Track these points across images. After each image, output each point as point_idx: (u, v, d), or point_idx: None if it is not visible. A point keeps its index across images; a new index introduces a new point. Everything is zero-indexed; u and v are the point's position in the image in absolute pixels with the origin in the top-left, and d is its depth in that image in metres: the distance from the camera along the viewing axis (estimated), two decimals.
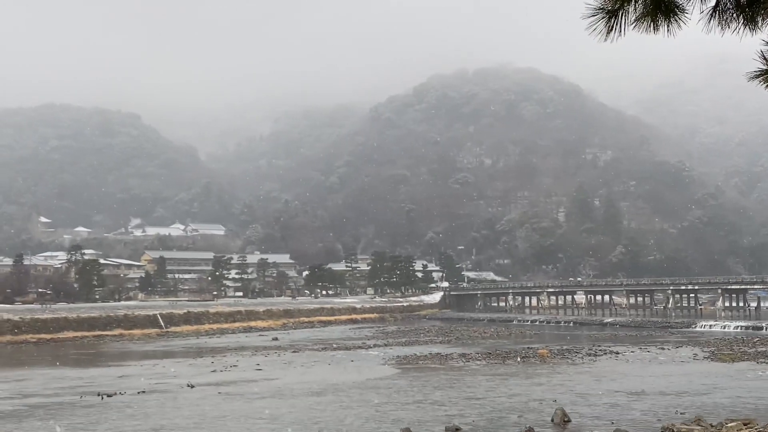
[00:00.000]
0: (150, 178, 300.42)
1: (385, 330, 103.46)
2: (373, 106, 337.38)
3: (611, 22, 7.98)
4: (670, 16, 7.98)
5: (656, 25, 8.03)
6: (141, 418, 34.30)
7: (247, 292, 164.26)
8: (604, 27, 7.98)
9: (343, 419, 33.13)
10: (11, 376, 52.14)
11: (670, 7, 7.95)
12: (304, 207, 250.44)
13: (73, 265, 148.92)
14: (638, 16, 8.00)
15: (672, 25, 8.03)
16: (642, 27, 8.06)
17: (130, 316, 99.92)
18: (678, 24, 8.02)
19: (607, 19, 7.95)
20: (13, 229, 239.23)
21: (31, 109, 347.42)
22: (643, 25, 8.04)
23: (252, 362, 59.29)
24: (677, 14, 7.99)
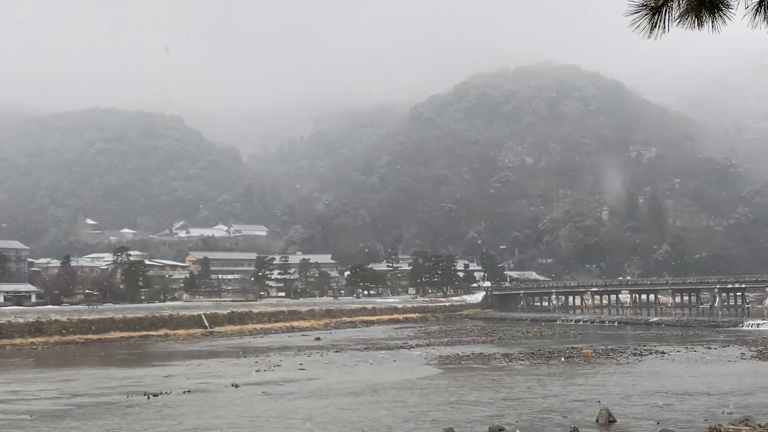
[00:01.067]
0: (193, 180, 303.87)
1: (427, 330, 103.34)
2: (414, 106, 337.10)
3: (655, 19, 7.93)
4: (714, 11, 7.92)
5: (700, 21, 7.96)
6: (186, 417, 34.72)
7: (289, 292, 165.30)
8: (648, 24, 7.94)
9: (386, 419, 33.20)
10: (59, 376, 53.11)
11: (714, 3, 7.89)
12: (345, 207, 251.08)
13: (119, 266, 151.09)
14: (682, 12, 7.95)
15: (716, 20, 7.96)
16: (686, 23, 8.00)
17: (175, 316, 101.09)
18: (723, 20, 7.95)
19: (650, 15, 7.91)
20: (60, 232, 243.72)
21: (78, 113, 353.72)
22: (687, 21, 7.98)
23: (295, 362, 59.64)
24: (722, 10, 7.92)
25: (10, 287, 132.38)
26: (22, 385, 47.68)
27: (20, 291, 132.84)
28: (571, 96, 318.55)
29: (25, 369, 60.29)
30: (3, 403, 40.47)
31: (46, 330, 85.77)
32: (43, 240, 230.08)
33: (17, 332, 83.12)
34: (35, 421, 34.47)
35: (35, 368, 61.09)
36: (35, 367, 61.78)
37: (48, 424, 33.74)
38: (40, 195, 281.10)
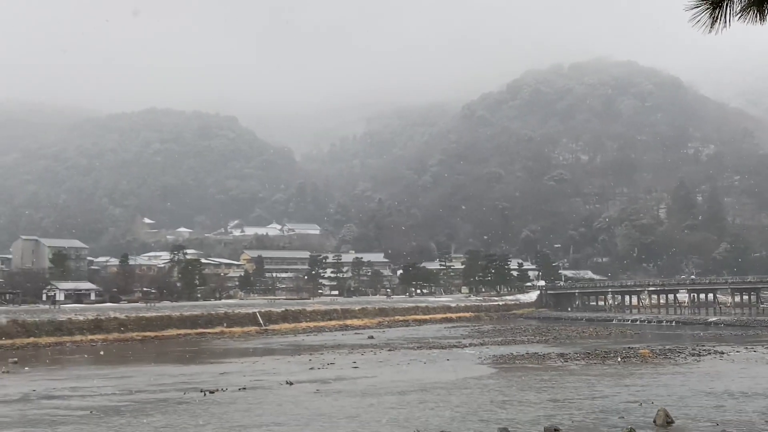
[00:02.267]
0: (247, 180, 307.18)
1: (480, 329, 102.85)
2: (466, 104, 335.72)
3: (715, 13, 7.76)
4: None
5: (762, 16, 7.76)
6: (242, 414, 35.11)
7: (342, 290, 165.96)
8: (709, 18, 7.77)
9: (440, 417, 33.12)
10: (117, 373, 54.17)
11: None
12: (397, 206, 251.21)
13: (176, 264, 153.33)
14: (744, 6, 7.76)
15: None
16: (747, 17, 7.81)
17: (230, 314, 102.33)
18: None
19: (711, 10, 7.74)
20: (119, 231, 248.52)
21: (135, 114, 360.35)
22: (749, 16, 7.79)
23: (348, 360, 59.88)
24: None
25: (70, 285, 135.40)
26: (81, 382, 48.74)
27: (80, 289, 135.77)
28: (627, 92, 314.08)
29: (85, 365, 61.62)
30: (63, 398, 41.44)
31: (105, 327, 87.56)
32: (102, 239, 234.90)
33: (77, 329, 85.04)
34: (94, 416, 35.20)
35: (94, 365, 62.40)
36: (94, 364, 63.10)
37: (106, 419, 34.41)
38: (99, 195, 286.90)
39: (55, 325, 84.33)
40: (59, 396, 42.33)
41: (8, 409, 37.44)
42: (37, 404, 39.36)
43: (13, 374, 53.45)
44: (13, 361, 61.52)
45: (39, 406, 38.80)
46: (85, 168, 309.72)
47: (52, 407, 38.28)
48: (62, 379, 50.04)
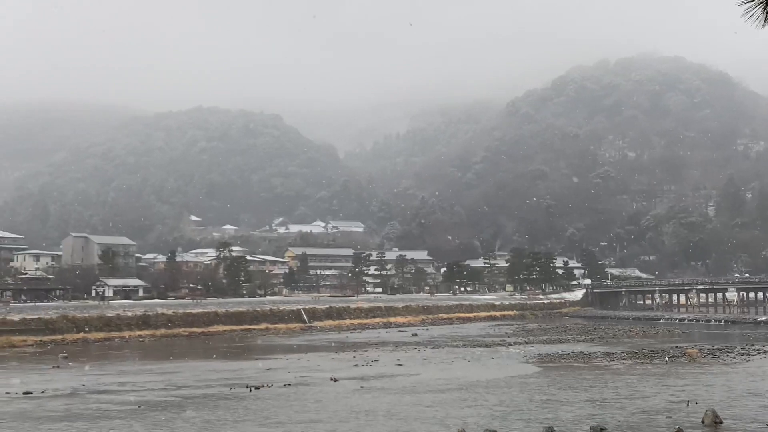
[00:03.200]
0: (292, 177, 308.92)
1: (525, 327, 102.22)
2: (511, 101, 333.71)
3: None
4: None
5: None
6: (288, 410, 35.37)
7: (386, 288, 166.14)
8: (762, 12, 7.61)
9: (484, 416, 33.01)
10: (165, 368, 54.92)
11: None
12: (441, 203, 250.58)
13: (222, 261, 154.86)
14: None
15: None
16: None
17: (275, 310, 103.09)
18: None
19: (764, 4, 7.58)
20: (166, 228, 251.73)
21: (182, 112, 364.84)
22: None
23: (392, 357, 59.97)
24: None
25: (118, 281, 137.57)
26: (129, 377, 49.52)
27: (128, 285, 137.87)
28: (675, 88, 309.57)
29: (133, 361, 62.62)
30: (112, 393, 42.15)
31: (153, 323, 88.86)
32: (149, 236, 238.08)
33: (125, 325, 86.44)
34: (142, 411, 35.74)
35: (142, 360, 63.37)
36: (142, 359, 64.08)
37: (155, 414, 34.91)
38: (146, 192, 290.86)
39: (104, 321, 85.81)
40: (108, 391, 43.06)
41: (58, 404, 38.20)
42: (86, 399, 40.08)
43: (63, 369, 54.51)
44: (63, 356, 62.73)
45: (88, 400, 39.50)
46: (133, 166, 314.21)
47: (102, 402, 38.97)
48: (111, 374, 50.89)
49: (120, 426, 32.06)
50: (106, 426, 32.04)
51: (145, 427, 31.70)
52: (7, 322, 78.77)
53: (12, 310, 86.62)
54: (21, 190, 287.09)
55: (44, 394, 41.24)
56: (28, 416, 34.57)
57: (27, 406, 37.19)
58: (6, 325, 77.91)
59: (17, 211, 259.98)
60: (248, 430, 31.05)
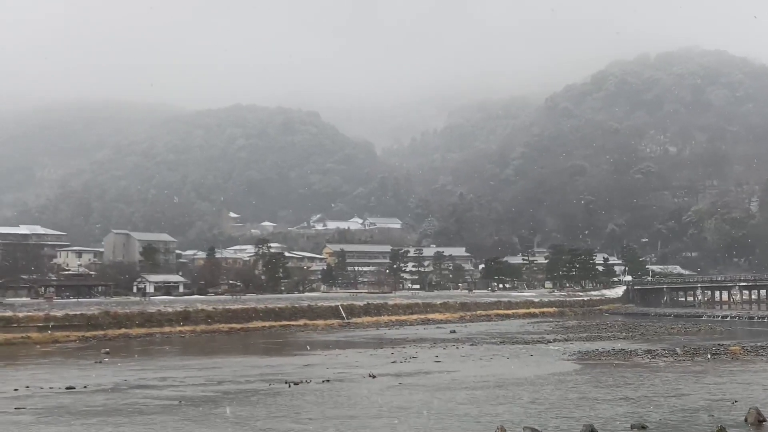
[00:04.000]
0: (329, 174, 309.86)
1: (564, 324, 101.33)
2: (549, 96, 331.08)
3: None
4: None
5: None
6: (327, 406, 35.43)
7: (423, 284, 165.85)
8: None
9: (524, 413, 32.73)
10: (205, 364, 55.34)
11: None
12: (479, 200, 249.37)
13: (261, 258, 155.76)
14: None
15: None
16: None
17: (313, 307, 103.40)
18: None
19: None
20: (205, 225, 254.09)
21: (221, 110, 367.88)
22: None
23: (431, 354, 59.80)
24: None
25: (159, 278, 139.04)
26: (170, 372, 49.98)
27: (169, 281, 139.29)
28: (717, 82, 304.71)
29: (173, 356, 63.16)
30: (153, 388, 42.57)
31: (193, 319, 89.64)
32: (189, 232, 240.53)
33: (166, 321, 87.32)
34: (183, 406, 36.03)
35: (183, 356, 63.91)
36: (182, 355, 64.63)
37: (195, 409, 35.18)
38: (186, 190, 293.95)
39: (145, 317, 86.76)
40: (150, 386, 43.51)
41: (101, 398, 38.67)
42: (128, 394, 40.53)
43: (105, 364, 55.20)
44: (105, 352, 63.54)
45: (130, 395, 39.94)
46: (173, 163, 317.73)
47: (143, 397, 39.38)
48: (152, 370, 51.42)
49: (160, 421, 32.32)
50: (146, 421, 32.34)
51: (185, 422, 31.93)
52: (51, 318, 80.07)
53: (55, 306, 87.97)
54: (64, 188, 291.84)
55: (86, 389, 41.78)
56: (70, 411, 35.03)
57: (69, 401, 37.72)
58: (49, 321, 79.19)
59: (60, 209, 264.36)
60: (281, 426, 31.06)
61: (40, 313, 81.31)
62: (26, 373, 50.14)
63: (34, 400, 38.00)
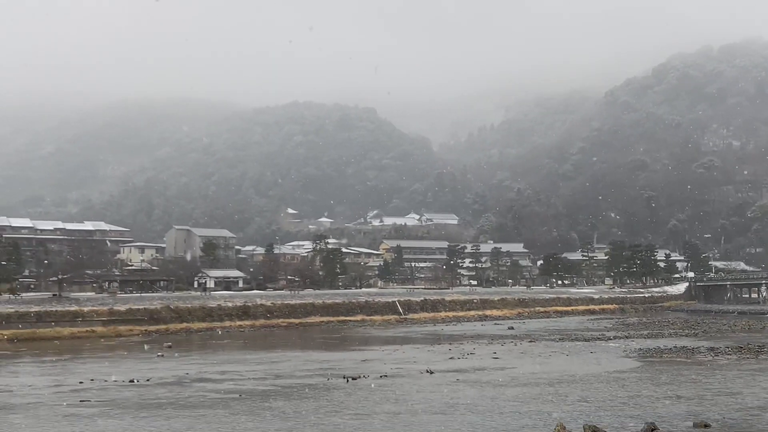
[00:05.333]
0: (386, 170, 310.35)
1: (625, 321, 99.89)
2: (609, 90, 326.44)
3: None
4: None
5: None
6: (384, 401, 35.52)
7: (480, 280, 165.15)
8: None
9: (584, 410, 32.38)
10: (264, 358, 55.99)
11: None
12: (537, 195, 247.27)
13: (318, 253, 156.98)
14: None
15: None
16: None
17: (370, 302, 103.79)
18: None
19: None
20: (264, 221, 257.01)
21: (278, 107, 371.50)
22: None
23: (488, 351, 59.54)
24: None
25: (219, 273, 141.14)
26: (231, 366, 50.70)
27: (229, 277, 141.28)
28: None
29: (234, 350, 64.08)
30: (214, 382, 43.24)
31: (252, 314, 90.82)
32: (248, 228, 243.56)
33: (226, 315, 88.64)
34: (243, 399, 36.53)
35: (243, 350, 64.80)
36: (242, 349, 65.53)
37: (255, 403, 35.63)
38: (245, 186, 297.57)
39: (206, 311, 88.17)
40: (211, 379, 44.20)
41: (164, 391, 39.42)
42: (190, 387, 41.23)
43: (167, 358, 56.23)
44: (167, 346, 64.76)
45: (192, 388, 40.63)
46: (232, 160, 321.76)
47: (204, 390, 40.02)
48: (213, 363, 52.20)
49: (221, 414, 32.82)
50: (208, 414, 32.85)
51: (244, 415, 32.36)
52: (115, 312, 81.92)
53: (119, 301, 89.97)
54: (127, 185, 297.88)
55: (149, 382, 42.63)
56: (133, 403, 35.80)
57: (132, 394, 38.54)
58: (113, 315, 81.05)
59: (123, 205, 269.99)
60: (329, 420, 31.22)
61: (105, 308, 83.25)
62: (91, 366, 51.38)
63: (98, 392, 38.92)
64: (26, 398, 37.49)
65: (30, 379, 44.46)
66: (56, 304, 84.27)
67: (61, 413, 33.23)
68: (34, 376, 46.77)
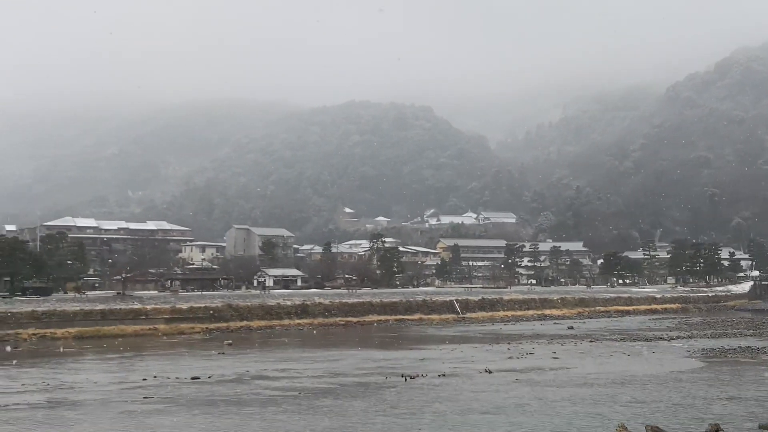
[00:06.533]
0: (442, 169, 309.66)
1: (687, 321, 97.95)
2: (671, 86, 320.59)
3: None
4: None
5: None
6: (444, 400, 35.45)
7: (539, 279, 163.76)
8: None
9: (646, 411, 31.86)
10: (323, 356, 56.36)
11: None
12: (596, 193, 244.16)
13: (375, 252, 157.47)
14: None
15: None
16: None
17: (428, 301, 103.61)
18: None
19: None
20: (321, 220, 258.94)
21: (335, 107, 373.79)
22: None
23: (548, 350, 58.97)
24: None
25: (278, 272, 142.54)
26: (290, 364, 51.16)
27: (287, 275, 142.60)
28: None
29: (293, 348, 64.62)
30: (274, 379, 43.70)
31: (311, 312, 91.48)
32: (306, 227, 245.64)
33: (285, 313, 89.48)
34: (303, 397, 36.84)
35: (301, 348, 65.32)
36: (301, 347, 66.06)
37: (314, 400, 35.91)
38: (303, 186, 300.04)
39: (265, 310, 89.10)
40: (270, 377, 44.67)
41: (225, 389, 39.98)
42: (250, 384, 41.74)
43: (228, 355, 57.01)
44: (228, 343, 65.66)
45: (252, 386, 41.12)
46: (290, 160, 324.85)
47: (264, 387, 40.47)
48: (272, 361, 52.74)
49: (272, 411, 33.12)
50: (260, 411, 33.20)
51: (295, 413, 32.61)
52: (177, 311, 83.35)
53: (180, 299, 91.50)
54: (188, 185, 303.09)
55: (211, 379, 43.28)
56: (195, 400, 36.38)
57: (194, 391, 39.17)
58: (176, 313, 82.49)
59: (184, 205, 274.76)
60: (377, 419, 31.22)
61: (167, 306, 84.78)
62: (153, 363, 52.39)
63: (161, 389, 39.64)
64: (90, 394, 38.39)
65: (95, 376, 45.50)
66: (120, 302, 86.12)
67: (124, 409, 33.91)
68: (99, 372, 47.86)
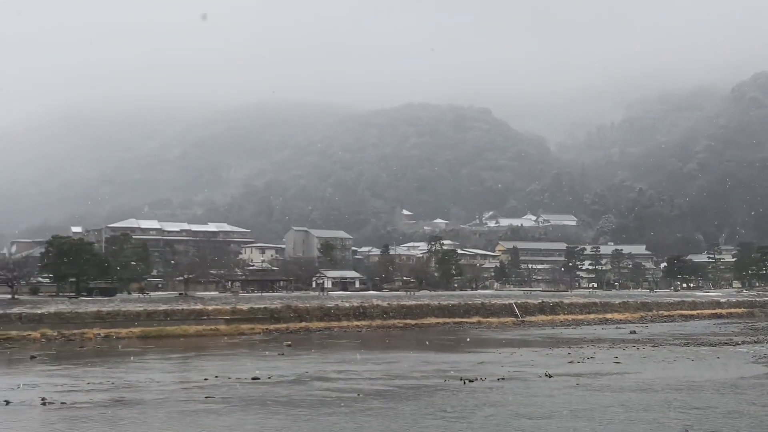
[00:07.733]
0: (501, 171, 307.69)
1: (754, 326, 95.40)
2: (736, 85, 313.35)
3: None
4: None
5: None
6: (502, 405, 35.11)
7: (600, 283, 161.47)
8: None
9: (710, 418, 31.07)
10: (382, 358, 56.38)
11: None
12: (660, 195, 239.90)
13: (433, 254, 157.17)
14: None
15: None
16: None
17: (486, 304, 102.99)
18: None
19: None
20: (379, 222, 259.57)
21: (393, 109, 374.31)
22: None
23: (609, 355, 58.02)
24: None
25: (336, 273, 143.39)
26: (349, 365, 51.30)
27: (345, 277, 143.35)
28: None
29: (352, 350, 64.77)
30: (333, 381, 43.86)
31: (369, 314, 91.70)
32: (364, 229, 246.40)
33: (343, 315, 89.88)
34: (361, 399, 36.87)
35: (360, 349, 65.40)
36: (360, 349, 66.12)
37: (374, 402, 35.90)
38: (361, 188, 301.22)
39: (324, 311, 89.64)
40: (329, 378, 44.84)
41: (284, 390, 40.25)
42: (309, 385, 41.95)
43: (287, 357, 57.42)
44: (287, 344, 66.17)
45: (311, 387, 41.32)
46: (348, 162, 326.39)
47: (323, 389, 40.62)
48: (331, 363, 52.95)
49: (322, 412, 33.20)
50: (329, 413, 33.31)
51: (362, 415, 32.64)
52: (237, 311, 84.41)
53: (240, 300, 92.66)
54: (248, 187, 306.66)
55: (270, 379, 43.62)
56: (255, 400, 36.71)
57: (255, 391, 39.53)
58: (236, 314, 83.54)
59: (244, 207, 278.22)
60: (422, 422, 31.01)
61: (227, 307, 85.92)
62: (215, 363, 53.06)
63: (221, 389, 40.07)
64: (153, 393, 39.00)
65: (157, 375, 46.27)
66: (182, 302, 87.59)
67: (183, 409, 34.38)
68: (161, 372, 48.63)
